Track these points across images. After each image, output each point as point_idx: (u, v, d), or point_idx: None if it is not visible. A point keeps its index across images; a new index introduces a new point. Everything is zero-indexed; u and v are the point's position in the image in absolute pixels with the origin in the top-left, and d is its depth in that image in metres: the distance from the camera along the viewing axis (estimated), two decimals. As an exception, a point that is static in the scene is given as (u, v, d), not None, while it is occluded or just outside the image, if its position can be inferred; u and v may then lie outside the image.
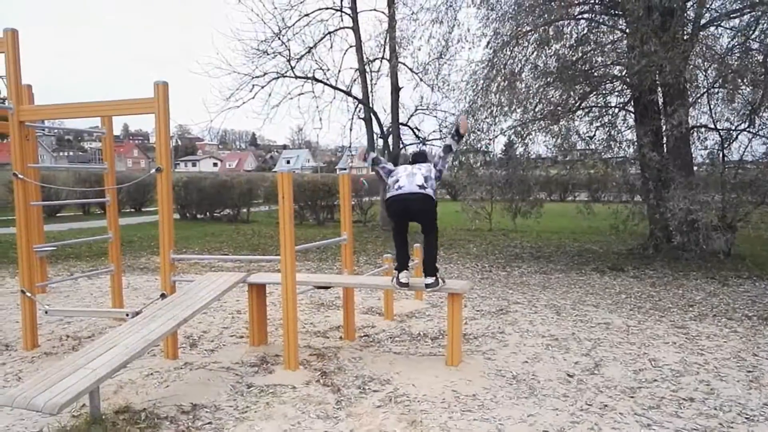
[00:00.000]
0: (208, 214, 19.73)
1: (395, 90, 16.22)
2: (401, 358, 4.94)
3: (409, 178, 4.83)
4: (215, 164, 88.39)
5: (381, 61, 16.36)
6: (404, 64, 16.08)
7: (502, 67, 10.69)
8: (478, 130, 11.41)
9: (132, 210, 22.63)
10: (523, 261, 10.74)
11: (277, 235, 6.60)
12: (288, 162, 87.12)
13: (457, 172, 12.28)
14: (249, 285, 5.23)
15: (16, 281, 8.48)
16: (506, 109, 10.86)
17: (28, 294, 5.05)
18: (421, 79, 15.76)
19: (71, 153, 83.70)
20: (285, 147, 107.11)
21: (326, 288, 5.58)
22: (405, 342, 5.48)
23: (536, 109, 11.01)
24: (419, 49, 15.02)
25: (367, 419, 3.65)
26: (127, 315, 4.81)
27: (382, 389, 4.20)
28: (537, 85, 10.85)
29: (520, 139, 11.69)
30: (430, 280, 4.83)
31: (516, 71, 10.80)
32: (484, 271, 9.67)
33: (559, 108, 10.84)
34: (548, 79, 10.68)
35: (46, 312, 4.99)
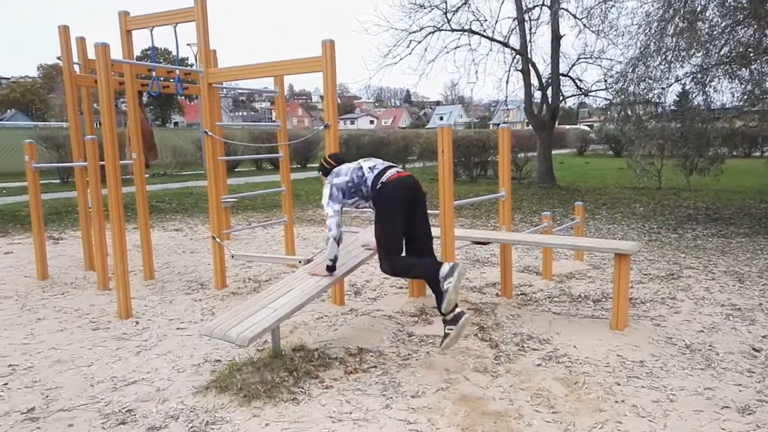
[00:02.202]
0: (365, 169, 20.50)
1: (556, 38, 15.34)
2: (561, 319, 4.83)
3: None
4: (372, 122, 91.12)
5: (541, 9, 15.53)
6: (566, 9, 15.11)
7: (681, 6, 9.59)
8: (650, 79, 10.45)
9: (298, 166, 24.22)
10: (697, 223, 9.80)
11: (431, 191, 6.70)
12: (441, 118, 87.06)
13: (624, 125, 11.41)
14: (409, 239, 5.39)
15: (205, 228, 9.60)
16: (684, 53, 9.78)
17: (218, 240, 5.69)
18: (585, 25, 14.74)
19: (245, 113, 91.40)
20: (438, 103, 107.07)
21: (485, 243, 5.57)
22: (564, 303, 5.33)
23: (721, 52, 9.77)
24: (584, -8, 13.99)
25: (527, 376, 3.65)
26: (300, 262, 5.22)
27: (542, 348, 4.15)
28: (724, 24, 9.59)
29: (699, 87, 10.51)
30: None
31: (698, 10, 9.63)
32: (652, 232, 9.00)
33: (751, 49, 9.52)
34: (738, 16, 9.38)
35: (232, 256, 5.59)
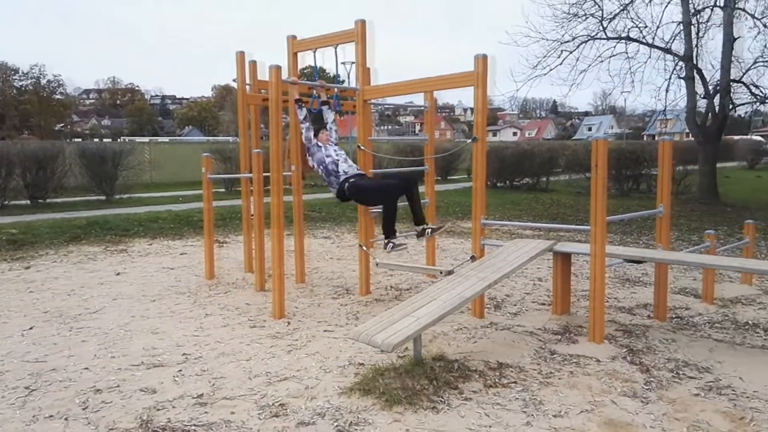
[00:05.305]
0: (507, 182, 20.18)
1: (729, 41, 14.03)
2: (724, 347, 4.41)
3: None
4: (515, 133, 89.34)
5: (712, 10, 14.30)
6: (743, 9, 13.81)
7: None
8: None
9: (438, 178, 24.47)
10: None
11: (576, 205, 6.50)
12: (590, 129, 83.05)
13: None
14: (554, 253, 5.25)
15: (351, 237, 10.06)
16: None
17: (364, 248, 5.96)
18: (765, 25, 13.35)
19: (389, 127, 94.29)
20: (587, 113, 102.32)
21: (638, 262, 5.26)
22: (728, 330, 4.86)
23: None
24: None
25: (683, 406, 3.39)
26: (441, 273, 5.31)
27: (700, 377, 3.83)
28: None
29: None
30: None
31: None
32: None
33: None
34: None
35: (377, 264, 5.83)
